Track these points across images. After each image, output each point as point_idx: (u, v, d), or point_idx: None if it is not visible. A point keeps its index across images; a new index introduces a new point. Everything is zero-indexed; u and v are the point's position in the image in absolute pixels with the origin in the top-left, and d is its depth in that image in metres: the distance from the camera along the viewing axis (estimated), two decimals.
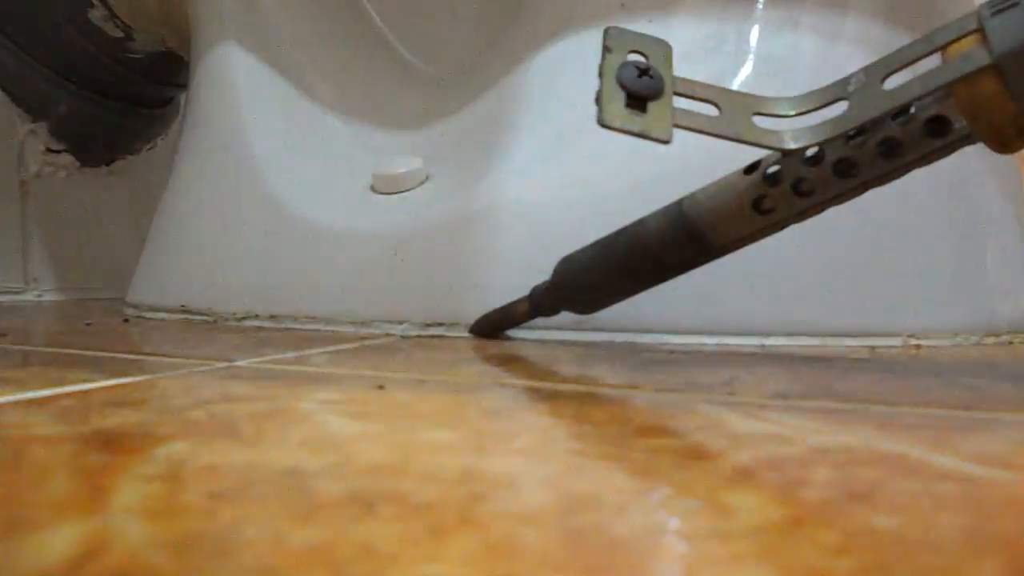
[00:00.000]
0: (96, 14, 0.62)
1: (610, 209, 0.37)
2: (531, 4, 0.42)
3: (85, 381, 0.23)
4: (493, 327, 0.36)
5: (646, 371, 0.27)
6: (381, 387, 0.23)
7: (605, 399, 0.22)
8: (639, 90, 0.25)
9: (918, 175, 0.35)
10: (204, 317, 0.45)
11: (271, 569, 0.10)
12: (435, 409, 0.20)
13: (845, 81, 0.25)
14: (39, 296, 0.70)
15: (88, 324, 0.45)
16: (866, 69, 0.25)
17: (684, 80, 0.26)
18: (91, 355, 0.30)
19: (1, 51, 0.64)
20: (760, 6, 0.38)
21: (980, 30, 0.22)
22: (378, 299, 0.40)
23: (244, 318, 0.43)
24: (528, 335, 0.36)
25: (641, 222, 0.31)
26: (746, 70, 0.37)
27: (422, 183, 0.43)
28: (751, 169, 0.27)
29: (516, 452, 0.16)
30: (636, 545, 0.11)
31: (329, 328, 0.40)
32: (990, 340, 0.37)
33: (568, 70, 0.39)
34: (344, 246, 0.41)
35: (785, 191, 0.27)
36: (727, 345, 0.34)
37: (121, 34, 0.64)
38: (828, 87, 0.26)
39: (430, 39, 0.48)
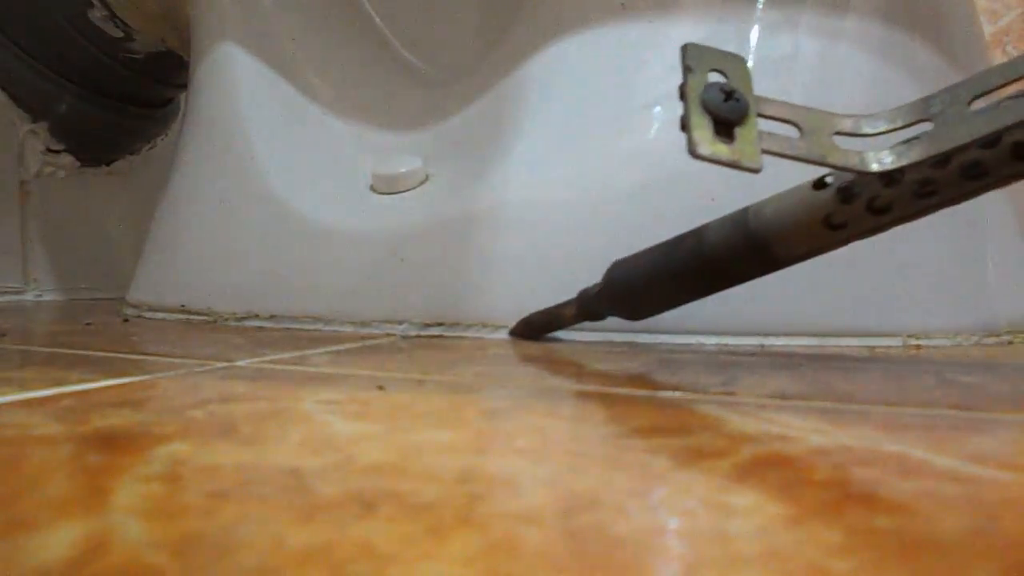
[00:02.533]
0: (96, 14, 0.62)
1: (610, 209, 0.37)
2: (531, 5, 0.42)
3: (85, 381, 0.23)
4: (536, 329, 0.36)
5: (646, 371, 0.27)
6: (381, 387, 0.23)
7: (605, 399, 0.22)
8: (726, 115, 0.24)
9: None
10: (204, 317, 0.45)
11: (271, 569, 0.10)
12: (435, 409, 0.20)
13: (928, 101, 0.25)
14: (39, 296, 0.70)
15: (88, 324, 0.45)
16: (951, 90, 0.24)
17: (766, 100, 0.25)
18: (91, 355, 0.30)
19: (1, 51, 0.64)
20: (760, 6, 0.38)
21: None
22: (378, 299, 0.40)
23: (244, 318, 0.43)
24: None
25: (701, 231, 0.30)
26: None
27: (422, 183, 0.43)
28: (820, 184, 0.27)
29: (516, 452, 0.16)
30: (636, 545, 0.11)
31: (329, 328, 0.40)
32: (990, 340, 0.37)
33: (568, 70, 0.40)
34: (344, 246, 0.41)
35: (859, 208, 0.26)
36: (727, 345, 0.34)
37: (121, 34, 0.64)
38: (910, 106, 0.25)
39: (430, 39, 0.48)
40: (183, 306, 0.46)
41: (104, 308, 0.56)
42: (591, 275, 0.37)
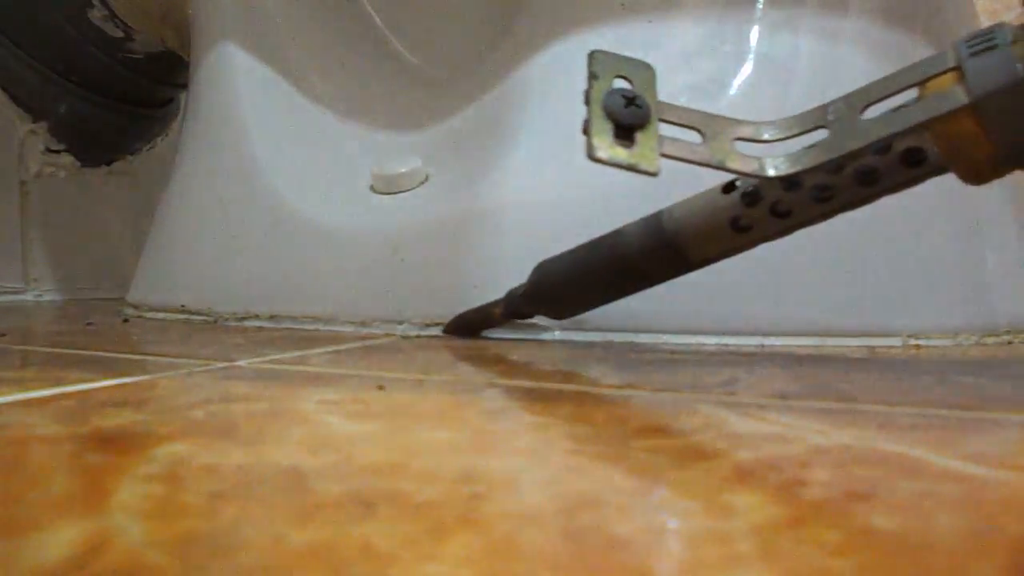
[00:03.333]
0: (96, 14, 0.62)
1: (609, 209, 0.37)
2: (531, 4, 0.42)
3: (85, 381, 0.23)
4: (468, 328, 0.37)
5: (646, 371, 0.27)
6: (381, 387, 0.23)
7: (605, 399, 0.22)
8: (627, 120, 0.25)
9: None
10: (204, 317, 0.45)
11: (271, 569, 0.10)
12: (435, 409, 0.20)
13: (824, 109, 0.26)
14: (39, 296, 0.70)
15: (88, 324, 0.45)
16: (846, 98, 0.25)
17: (668, 106, 0.26)
18: (91, 355, 0.30)
19: (1, 51, 0.64)
20: (760, 6, 0.38)
21: (958, 69, 0.22)
22: (378, 299, 0.40)
23: (244, 318, 0.43)
24: (524, 335, 0.36)
25: (619, 233, 0.32)
26: (746, 70, 0.37)
27: (422, 183, 0.43)
28: (729, 188, 0.28)
29: (516, 452, 0.16)
30: (636, 545, 0.11)
31: (329, 328, 0.40)
32: (990, 340, 0.37)
33: (568, 70, 0.39)
34: (344, 246, 0.41)
35: (763, 212, 0.27)
36: (727, 345, 0.34)
37: (121, 34, 0.64)
38: (808, 114, 0.26)
39: (430, 39, 0.48)
40: (183, 306, 0.46)
41: (104, 308, 0.56)
42: None
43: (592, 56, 0.26)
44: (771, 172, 0.25)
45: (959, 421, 0.19)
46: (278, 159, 0.46)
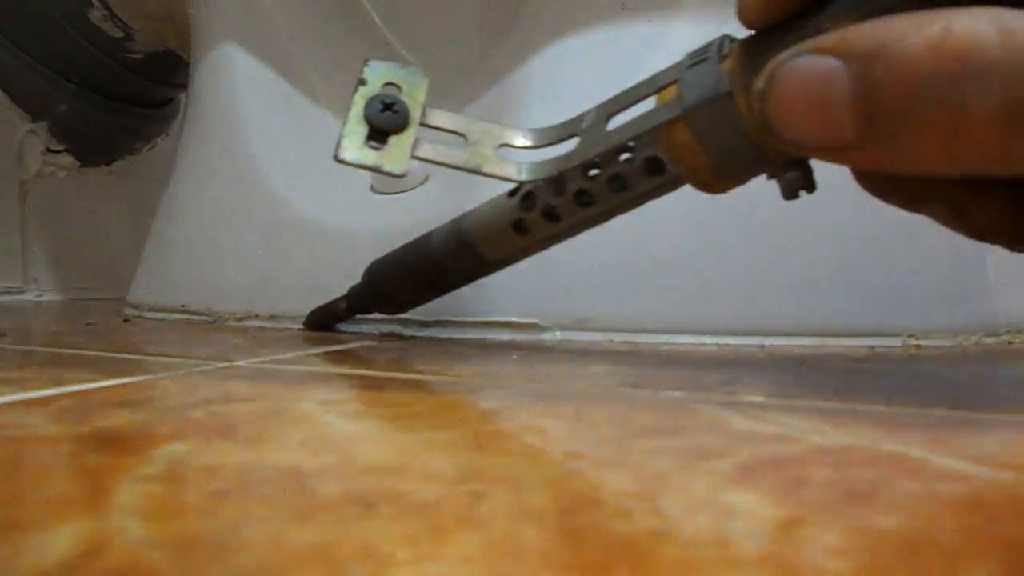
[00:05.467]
0: (96, 14, 0.62)
1: None
2: (531, 4, 0.42)
3: (85, 381, 0.23)
4: (320, 323, 0.39)
5: (646, 371, 0.27)
6: (381, 387, 0.23)
7: (604, 399, 0.22)
8: (381, 124, 0.26)
9: None
10: (204, 317, 0.45)
11: (271, 569, 0.10)
12: (435, 409, 0.20)
13: (580, 118, 0.27)
14: (39, 296, 0.70)
15: (88, 324, 0.45)
16: (599, 107, 0.26)
17: (435, 112, 0.27)
18: (91, 355, 0.30)
19: (1, 51, 0.64)
20: None
21: (679, 81, 0.23)
22: None
23: (244, 318, 0.43)
24: (525, 335, 0.36)
25: (431, 233, 0.33)
26: None
27: (422, 183, 0.43)
28: (514, 192, 0.30)
29: (516, 452, 0.16)
30: (636, 545, 0.11)
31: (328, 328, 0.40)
32: (990, 340, 0.37)
33: (568, 70, 0.40)
34: (344, 246, 0.41)
35: (537, 215, 0.29)
36: (727, 345, 0.34)
37: (121, 34, 0.64)
38: (565, 123, 0.27)
39: (430, 39, 0.48)
40: (183, 306, 0.46)
41: (104, 308, 0.56)
42: (591, 273, 0.37)
43: (365, 63, 0.28)
44: (523, 177, 0.26)
45: (959, 421, 0.19)
46: (278, 159, 0.46)
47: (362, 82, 0.27)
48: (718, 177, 0.24)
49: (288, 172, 0.46)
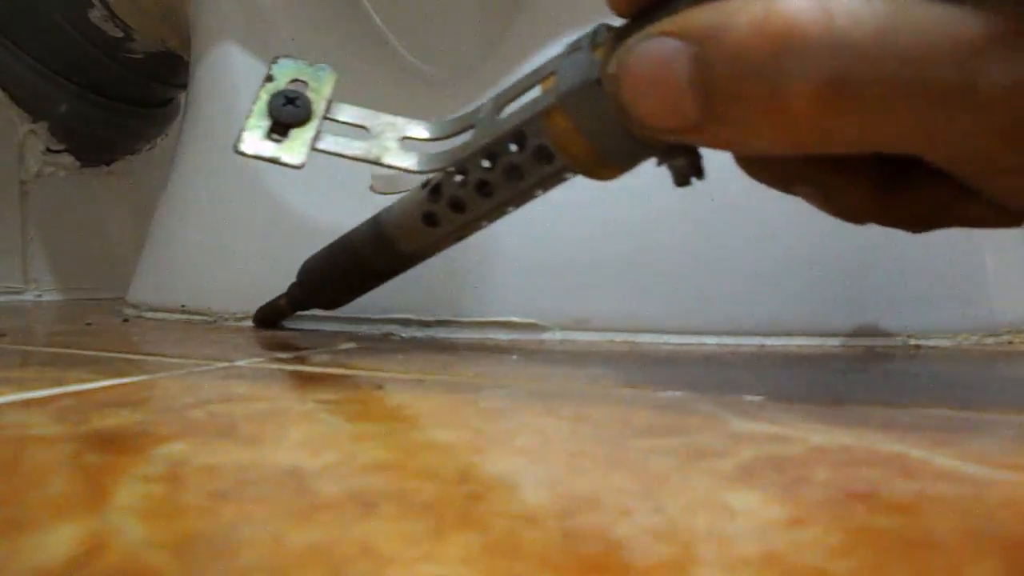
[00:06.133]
0: (96, 14, 0.62)
1: (610, 208, 0.37)
2: (531, 4, 0.42)
3: (85, 381, 0.23)
4: (266, 320, 0.40)
5: (646, 371, 0.27)
6: (381, 387, 0.23)
7: (604, 399, 0.22)
8: (283, 118, 0.27)
9: None
10: (204, 317, 0.45)
11: (271, 569, 0.10)
12: (435, 409, 0.20)
13: (478, 109, 0.27)
14: (39, 296, 0.70)
15: (88, 324, 0.45)
16: (494, 98, 0.27)
17: (340, 107, 0.28)
18: (91, 355, 0.30)
19: (1, 51, 0.64)
20: None
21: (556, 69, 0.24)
22: (378, 299, 0.40)
23: (244, 318, 0.43)
24: (526, 335, 0.36)
25: (355, 229, 0.34)
26: None
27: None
28: (426, 185, 0.30)
29: (516, 452, 0.16)
30: (636, 546, 0.11)
31: (329, 328, 0.40)
32: (990, 340, 0.37)
33: None
34: None
35: (444, 206, 0.29)
36: (727, 345, 0.34)
37: (121, 34, 0.64)
38: (464, 114, 0.28)
39: (430, 39, 0.48)
40: (183, 306, 0.46)
41: (104, 308, 0.56)
42: (590, 273, 0.37)
43: (273, 60, 0.29)
44: (420, 168, 0.27)
45: (959, 421, 0.19)
46: None
47: (269, 78, 0.28)
48: (600, 164, 0.24)
49: (288, 172, 0.45)
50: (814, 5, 0.16)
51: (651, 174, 0.24)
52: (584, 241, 0.37)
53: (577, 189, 0.38)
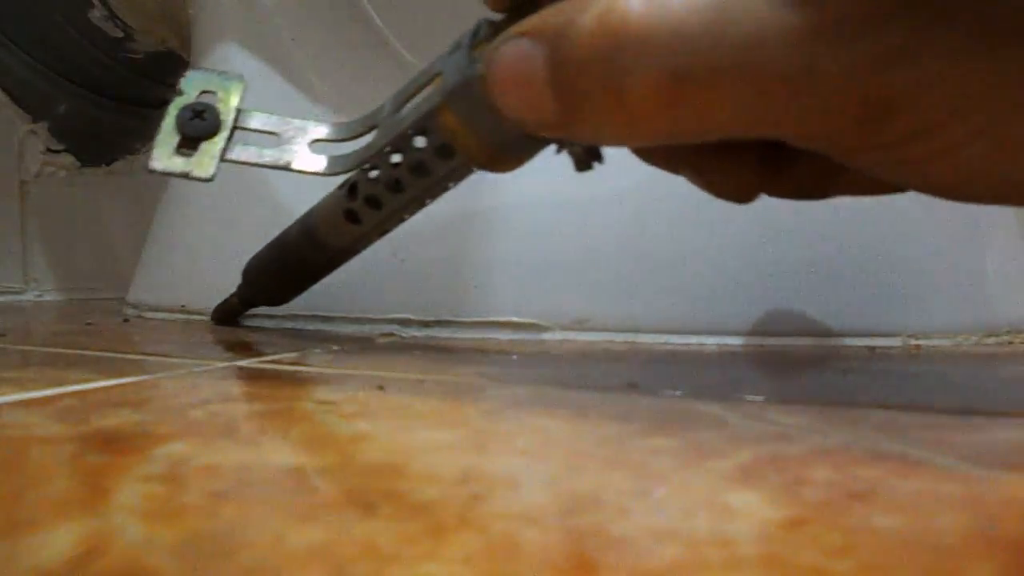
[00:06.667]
0: (96, 14, 0.62)
1: (610, 208, 0.37)
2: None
3: (85, 381, 0.23)
4: (222, 318, 0.41)
5: (646, 371, 0.27)
6: (381, 387, 0.23)
7: (604, 399, 0.22)
8: (191, 132, 0.28)
9: None
10: (204, 317, 0.45)
11: (271, 569, 0.10)
12: (435, 409, 0.20)
13: (381, 108, 0.28)
14: (39, 296, 0.70)
15: (88, 324, 0.45)
16: (393, 97, 0.27)
17: (250, 115, 0.29)
18: (91, 355, 0.30)
19: (1, 51, 0.64)
20: None
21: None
22: (378, 299, 0.40)
23: (244, 318, 0.43)
24: (526, 335, 0.36)
25: (288, 229, 0.35)
26: None
27: None
28: (344, 184, 0.31)
29: (516, 452, 0.16)
30: (636, 546, 0.11)
31: (329, 328, 0.40)
32: (990, 340, 0.37)
33: None
34: None
35: (362, 203, 0.30)
36: (727, 345, 0.34)
37: (121, 34, 0.64)
38: (368, 115, 0.28)
39: (431, 40, 0.48)
40: (183, 306, 0.46)
41: (104, 308, 0.56)
42: (591, 273, 0.37)
43: (184, 75, 0.29)
44: (330, 170, 0.28)
45: (959, 421, 0.19)
46: None
47: (179, 92, 0.28)
48: (495, 158, 0.25)
49: (289, 172, 0.45)
50: (649, 2, 0.16)
51: (652, 174, 0.24)
52: (584, 241, 0.37)
53: (577, 189, 0.38)
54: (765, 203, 0.28)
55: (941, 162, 0.16)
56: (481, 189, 0.39)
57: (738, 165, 0.21)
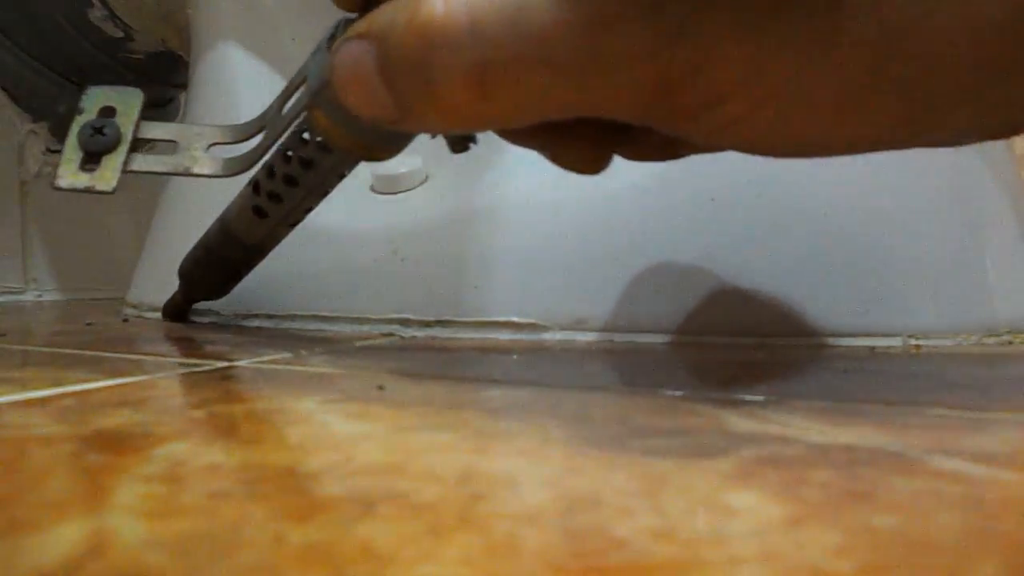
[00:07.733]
0: (96, 14, 0.62)
1: (610, 208, 0.37)
2: None
3: (85, 381, 0.23)
4: (172, 314, 0.43)
5: (645, 371, 0.27)
6: (381, 387, 0.23)
7: (605, 399, 0.22)
8: (93, 148, 0.28)
9: (918, 173, 0.35)
10: (204, 317, 0.45)
11: (271, 569, 0.10)
12: (435, 409, 0.20)
13: (270, 108, 0.28)
14: (39, 296, 0.70)
15: (88, 324, 0.45)
16: (277, 98, 0.28)
17: (149, 126, 0.29)
18: (91, 355, 0.30)
19: (1, 51, 0.64)
20: None
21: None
22: (378, 299, 0.40)
23: (244, 318, 0.43)
24: (526, 336, 0.36)
25: (209, 229, 0.36)
26: None
27: (422, 183, 0.43)
28: (249, 182, 0.32)
29: (516, 452, 0.16)
30: (636, 545, 0.11)
31: (329, 328, 0.40)
32: (990, 340, 0.37)
33: None
34: (344, 246, 0.41)
35: (266, 199, 0.32)
36: (727, 345, 0.34)
37: (121, 34, 0.64)
38: (259, 116, 0.29)
39: None
40: None
41: (104, 308, 0.56)
42: (591, 273, 0.37)
43: (83, 92, 0.30)
44: (226, 172, 0.28)
45: (959, 421, 0.19)
46: None
47: (79, 111, 0.29)
48: (370, 150, 0.25)
49: None
50: (451, 0, 0.17)
51: (651, 174, 0.24)
52: (584, 241, 0.37)
53: (577, 189, 0.38)
54: (765, 203, 0.28)
55: (741, 126, 0.18)
56: (481, 189, 0.39)
57: (578, 138, 0.22)
